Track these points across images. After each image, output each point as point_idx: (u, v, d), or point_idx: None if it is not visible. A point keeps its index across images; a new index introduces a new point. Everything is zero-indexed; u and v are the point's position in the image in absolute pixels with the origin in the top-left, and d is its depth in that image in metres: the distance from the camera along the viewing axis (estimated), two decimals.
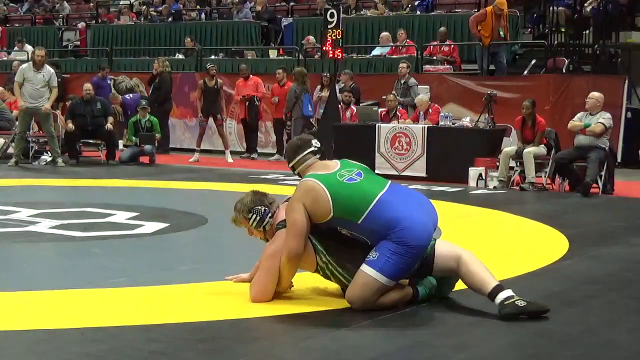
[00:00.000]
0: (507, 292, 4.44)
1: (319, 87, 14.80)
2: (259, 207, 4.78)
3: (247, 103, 15.19)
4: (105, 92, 15.92)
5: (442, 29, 15.64)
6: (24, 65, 13.39)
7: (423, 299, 4.68)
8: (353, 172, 4.69)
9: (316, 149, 4.84)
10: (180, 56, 18.33)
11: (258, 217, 4.77)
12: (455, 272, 4.65)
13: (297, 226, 4.52)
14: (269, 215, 4.79)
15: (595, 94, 10.99)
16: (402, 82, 14.01)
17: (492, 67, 14.63)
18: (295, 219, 4.53)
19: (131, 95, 16.28)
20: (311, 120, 14.42)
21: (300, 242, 4.53)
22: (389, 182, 4.74)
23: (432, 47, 15.73)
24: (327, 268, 4.66)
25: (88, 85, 14.20)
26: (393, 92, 13.52)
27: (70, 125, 13.60)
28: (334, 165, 4.75)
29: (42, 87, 12.95)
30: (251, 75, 15.41)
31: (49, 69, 13.20)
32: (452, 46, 15.49)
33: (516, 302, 4.39)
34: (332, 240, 4.64)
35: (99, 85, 16.05)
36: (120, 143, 14.35)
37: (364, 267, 4.51)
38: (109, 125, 13.84)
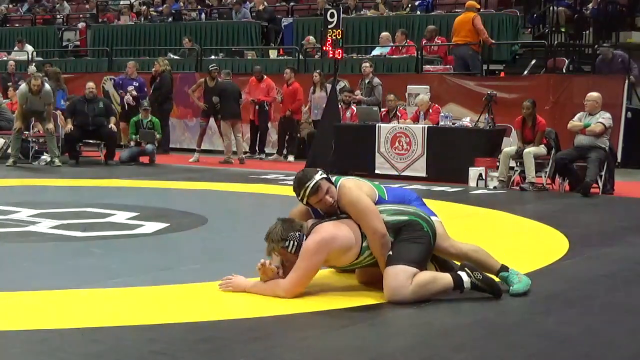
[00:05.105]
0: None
1: (312, 87, 14.82)
2: (293, 234, 4.81)
3: (257, 107, 15.15)
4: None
5: (431, 26, 15.61)
6: (24, 89, 13.31)
7: None
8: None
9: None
10: (173, 56, 18.17)
11: (295, 243, 4.79)
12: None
13: (373, 207, 4.81)
14: (305, 238, 4.82)
15: (593, 95, 10.98)
16: (367, 81, 14.02)
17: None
18: (366, 202, 4.81)
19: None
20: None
21: (382, 221, 4.78)
22: None
23: (430, 47, 15.72)
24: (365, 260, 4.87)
25: (91, 84, 14.03)
26: (392, 93, 13.52)
27: (70, 126, 13.50)
28: None
29: (43, 107, 13.13)
30: (265, 77, 15.35)
31: (46, 91, 13.18)
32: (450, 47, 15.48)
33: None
34: None
35: (123, 83, 15.93)
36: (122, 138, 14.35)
37: None
38: (112, 125, 13.76)
